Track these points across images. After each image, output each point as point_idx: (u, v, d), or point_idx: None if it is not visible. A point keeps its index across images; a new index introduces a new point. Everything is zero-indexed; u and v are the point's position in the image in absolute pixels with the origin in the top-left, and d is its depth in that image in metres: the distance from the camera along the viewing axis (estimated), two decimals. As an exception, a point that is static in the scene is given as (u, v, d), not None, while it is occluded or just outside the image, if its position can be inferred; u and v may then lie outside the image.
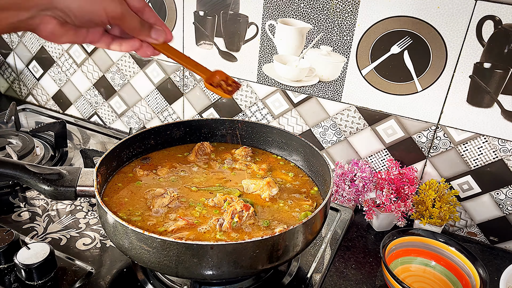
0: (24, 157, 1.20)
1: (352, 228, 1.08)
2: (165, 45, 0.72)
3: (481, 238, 1.08)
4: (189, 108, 1.33)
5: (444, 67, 0.97)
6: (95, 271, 0.88)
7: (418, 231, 0.95)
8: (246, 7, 1.11)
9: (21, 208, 1.05)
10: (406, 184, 1.03)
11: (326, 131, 1.15)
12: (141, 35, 0.68)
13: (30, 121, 1.49)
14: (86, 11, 0.59)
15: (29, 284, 0.83)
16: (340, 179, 1.07)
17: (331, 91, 1.10)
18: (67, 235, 0.97)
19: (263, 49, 1.14)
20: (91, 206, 1.06)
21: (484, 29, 0.90)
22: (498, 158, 0.98)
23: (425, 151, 1.06)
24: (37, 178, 0.81)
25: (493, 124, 0.96)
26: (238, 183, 0.93)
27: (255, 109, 1.23)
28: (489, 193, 1.02)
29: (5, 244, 0.86)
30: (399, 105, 1.04)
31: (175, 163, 0.99)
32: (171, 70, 1.30)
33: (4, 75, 1.66)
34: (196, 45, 1.22)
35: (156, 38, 0.69)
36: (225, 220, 0.79)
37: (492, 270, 0.98)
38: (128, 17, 0.64)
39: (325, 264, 0.94)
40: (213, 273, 0.70)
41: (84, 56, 1.43)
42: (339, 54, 1.06)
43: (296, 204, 0.88)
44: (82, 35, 0.65)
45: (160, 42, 0.70)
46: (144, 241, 0.70)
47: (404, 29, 0.97)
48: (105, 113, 1.49)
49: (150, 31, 0.68)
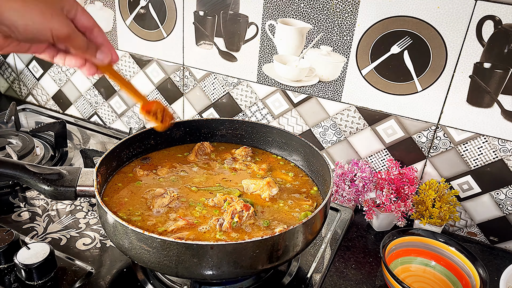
0: (24, 157, 1.20)
1: (352, 228, 1.08)
2: (109, 67, 0.72)
3: (481, 238, 1.08)
4: (189, 108, 1.33)
5: (444, 67, 0.97)
6: (95, 271, 0.88)
7: (418, 231, 0.95)
8: (246, 7, 1.11)
9: (21, 208, 1.05)
10: (406, 184, 1.03)
11: (326, 131, 1.16)
12: (86, 55, 0.67)
13: (30, 121, 1.49)
14: (32, 30, 0.58)
15: (29, 284, 0.83)
16: (340, 179, 1.07)
17: (331, 91, 1.10)
18: (67, 235, 0.97)
19: (263, 49, 1.14)
20: (91, 206, 1.06)
21: (484, 29, 0.90)
22: (498, 158, 0.98)
23: (425, 151, 1.06)
24: (37, 178, 0.81)
25: (493, 124, 0.96)
26: (238, 183, 0.93)
27: (255, 109, 1.23)
28: (489, 193, 1.02)
29: (5, 244, 0.86)
30: (399, 105, 1.04)
31: (175, 163, 0.99)
32: (171, 70, 1.30)
33: (4, 75, 1.66)
34: (196, 45, 1.22)
35: (101, 59, 0.68)
36: (225, 220, 0.79)
37: (492, 270, 0.98)
38: (74, 38, 0.63)
39: (325, 264, 0.94)
40: (213, 273, 0.70)
41: (84, 56, 1.43)
42: (339, 54, 1.06)
43: (296, 204, 0.88)
44: (26, 46, 0.64)
45: (104, 63, 0.70)
46: (144, 241, 0.70)
47: (404, 29, 0.97)
48: (105, 113, 1.49)
49: (95, 51, 0.68)
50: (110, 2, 1.29)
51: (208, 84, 1.26)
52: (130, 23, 1.29)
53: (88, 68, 0.70)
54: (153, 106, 0.81)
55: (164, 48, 1.27)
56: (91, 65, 0.70)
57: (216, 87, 1.25)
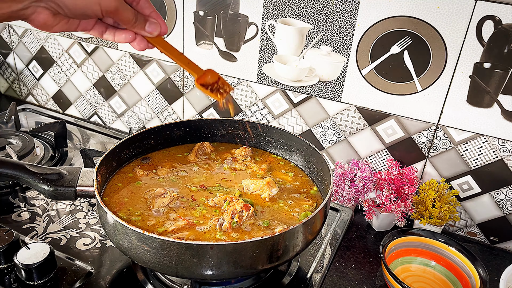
0: (24, 157, 1.20)
1: (352, 228, 1.08)
2: (159, 39, 0.70)
3: (481, 238, 1.08)
4: (189, 108, 1.33)
5: (444, 67, 0.97)
6: (95, 271, 0.88)
7: (418, 231, 0.95)
8: (246, 7, 1.11)
9: (21, 208, 1.05)
10: (406, 184, 1.03)
11: (326, 131, 1.15)
12: (135, 28, 0.66)
13: (30, 121, 1.49)
14: (80, 5, 0.58)
15: (29, 284, 0.83)
16: (340, 179, 1.07)
17: (331, 91, 1.10)
18: (67, 235, 0.97)
19: (263, 49, 1.14)
20: (91, 206, 1.06)
21: (484, 29, 0.90)
22: (498, 158, 0.98)
23: (425, 151, 1.06)
24: (37, 178, 0.81)
25: (493, 124, 0.96)
26: (238, 183, 0.93)
27: (255, 109, 1.23)
28: (489, 193, 1.02)
29: (5, 244, 0.86)
30: (399, 105, 1.04)
31: (175, 163, 0.99)
32: (171, 70, 1.30)
33: (4, 75, 1.66)
34: (196, 45, 1.22)
35: (150, 31, 0.67)
36: (225, 220, 0.79)
37: (492, 270, 0.98)
38: (122, 11, 0.62)
39: (325, 264, 0.94)
40: (213, 273, 0.70)
41: (84, 56, 1.43)
42: (339, 54, 1.06)
43: (296, 204, 0.88)
44: (75, 24, 0.64)
45: (154, 35, 0.68)
46: (144, 241, 0.70)
47: (404, 29, 0.97)
48: (105, 113, 1.49)
49: (144, 24, 0.66)
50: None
51: (208, 84, 1.26)
52: (130, 23, 1.29)
53: (139, 42, 0.68)
54: (207, 77, 0.75)
55: (164, 48, 1.27)
56: (141, 38, 0.68)
57: (216, 87, 1.25)
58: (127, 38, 0.67)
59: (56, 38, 1.45)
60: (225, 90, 0.78)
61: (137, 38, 0.68)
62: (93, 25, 0.67)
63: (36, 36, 1.48)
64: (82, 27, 0.65)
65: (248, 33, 1.14)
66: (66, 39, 1.43)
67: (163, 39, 0.71)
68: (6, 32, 1.55)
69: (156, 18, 0.68)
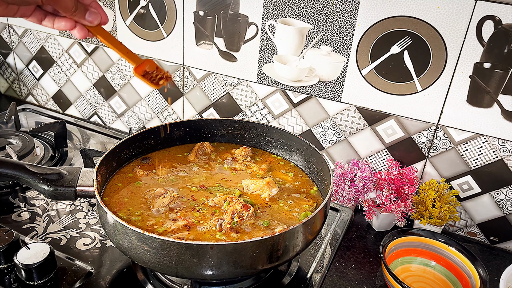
0: (24, 157, 1.20)
1: (352, 228, 1.08)
2: (99, 28, 0.71)
3: (481, 238, 1.08)
4: (189, 108, 1.33)
5: (444, 67, 0.97)
6: (95, 271, 0.88)
7: (418, 231, 0.95)
8: (246, 7, 1.11)
9: (21, 208, 1.05)
10: (406, 184, 1.03)
11: (326, 131, 1.15)
12: (75, 17, 0.66)
13: (30, 121, 1.49)
14: None
15: (29, 284, 0.83)
16: (340, 179, 1.07)
17: (331, 91, 1.10)
18: (67, 235, 0.97)
19: (263, 49, 1.14)
20: (91, 206, 1.06)
21: (484, 29, 0.90)
22: (498, 158, 0.98)
23: (425, 151, 1.06)
24: (37, 178, 0.81)
25: (493, 124, 0.96)
26: (238, 183, 0.93)
27: (255, 109, 1.23)
28: (489, 193, 1.02)
29: (5, 244, 0.86)
30: (399, 105, 1.04)
31: (175, 163, 0.99)
32: (171, 70, 1.30)
33: (4, 75, 1.66)
34: (196, 45, 1.22)
35: (90, 20, 0.67)
36: (225, 220, 0.79)
37: (492, 270, 0.98)
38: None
39: (325, 264, 0.94)
40: (213, 273, 0.70)
41: (84, 56, 1.43)
42: (339, 54, 1.06)
43: (296, 204, 0.88)
44: (13, 10, 0.63)
45: (94, 24, 0.69)
46: (144, 241, 0.70)
47: (404, 29, 0.97)
48: (105, 113, 1.49)
49: (84, 13, 0.67)
50: (110, 2, 1.29)
51: (208, 84, 1.26)
52: (130, 23, 1.29)
53: (79, 30, 0.69)
54: (146, 66, 0.77)
55: (164, 48, 1.27)
56: (81, 27, 0.68)
57: (216, 87, 1.25)
58: (66, 25, 0.68)
59: (56, 38, 1.45)
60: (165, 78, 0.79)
61: (77, 27, 0.68)
62: (31, 11, 0.66)
63: (36, 36, 1.48)
64: (21, 13, 0.65)
65: (248, 33, 1.14)
66: (66, 39, 1.43)
67: (103, 29, 0.71)
68: (6, 32, 1.55)
69: (97, 8, 0.68)
